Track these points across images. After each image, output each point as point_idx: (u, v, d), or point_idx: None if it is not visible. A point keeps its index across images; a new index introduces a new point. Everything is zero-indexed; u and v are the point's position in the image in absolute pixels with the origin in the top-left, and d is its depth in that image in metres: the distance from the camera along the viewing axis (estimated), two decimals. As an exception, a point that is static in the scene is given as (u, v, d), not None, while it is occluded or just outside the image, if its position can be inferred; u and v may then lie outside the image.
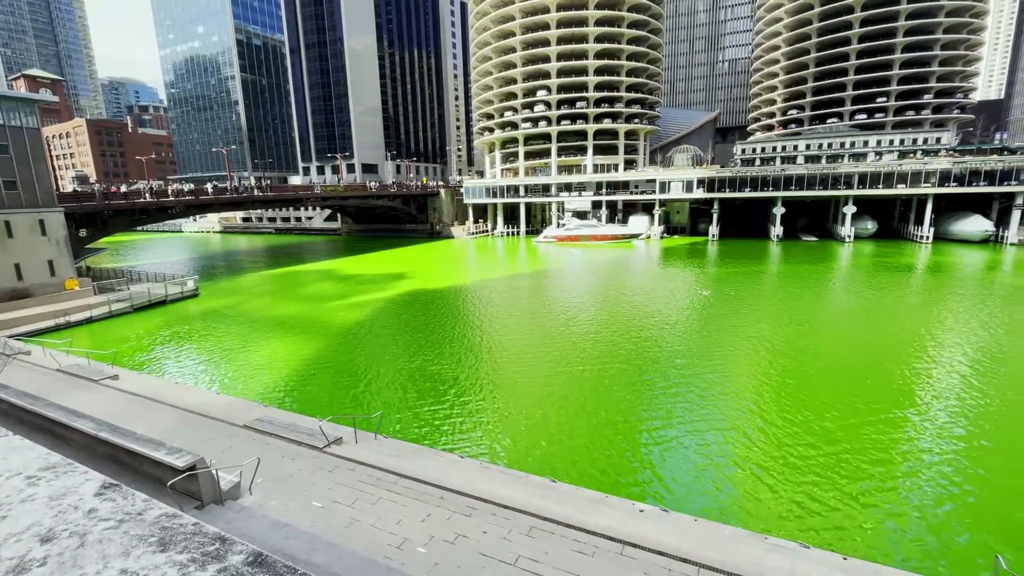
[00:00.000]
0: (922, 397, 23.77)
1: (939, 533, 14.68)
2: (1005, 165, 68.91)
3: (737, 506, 16.21)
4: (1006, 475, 17.31)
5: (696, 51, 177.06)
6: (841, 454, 18.65)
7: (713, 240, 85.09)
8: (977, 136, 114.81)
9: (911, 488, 16.75)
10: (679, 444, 19.93)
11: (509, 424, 21.81)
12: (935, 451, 18.95)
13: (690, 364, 28.47)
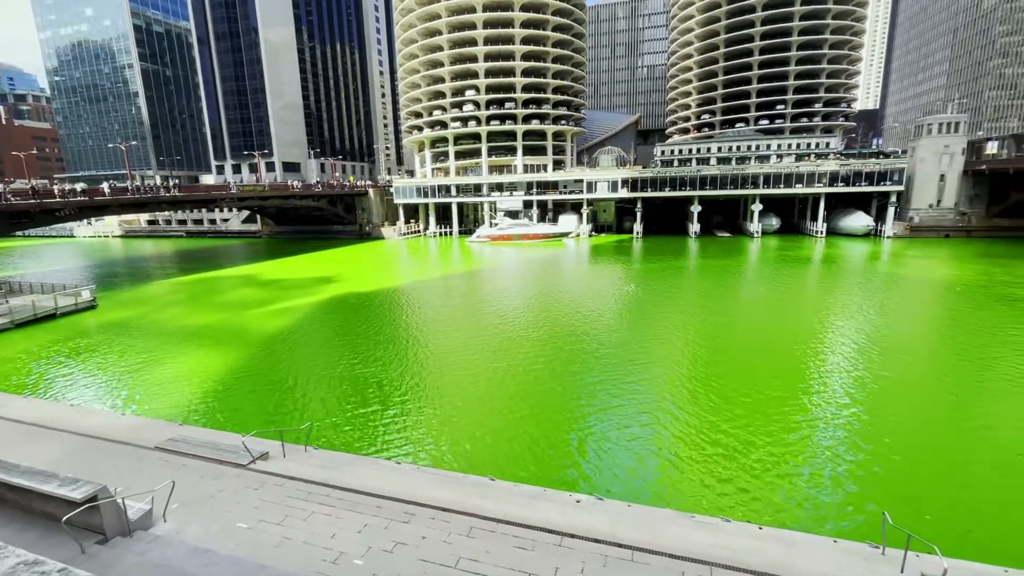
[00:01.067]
0: (818, 376, 26.44)
1: (837, 497, 16.45)
2: (881, 168, 78.15)
3: (667, 488, 17.22)
4: (885, 443, 19.68)
5: (617, 56, 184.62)
6: (755, 434, 20.34)
7: (638, 237, 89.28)
8: (858, 141, 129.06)
9: (813, 460, 18.61)
10: (613, 434, 20.81)
11: (447, 426, 21.70)
12: (830, 426, 21.17)
13: (619, 357, 29.75)
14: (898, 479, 17.31)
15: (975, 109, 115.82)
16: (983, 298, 41.36)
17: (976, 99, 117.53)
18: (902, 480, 17.26)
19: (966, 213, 75.93)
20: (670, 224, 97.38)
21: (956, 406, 22.96)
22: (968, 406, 22.91)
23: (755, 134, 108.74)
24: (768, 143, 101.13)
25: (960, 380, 25.69)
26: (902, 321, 37.20)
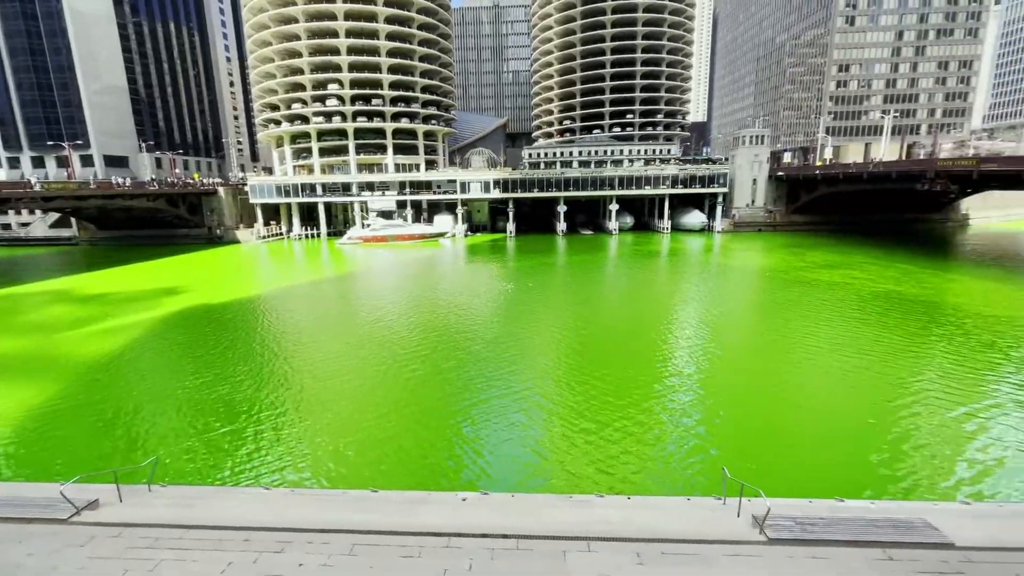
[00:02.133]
0: (667, 357, 30.05)
1: (690, 462, 18.91)
2: (710, 172, 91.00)
3: (549, 473, 18.23)
4: (721, 414, 23.09)
5: (484, 60, 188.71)
6: (620, 414, 22.43)
7: (511, 236, 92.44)
8: (692, 149, 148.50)
9: (668, 433, 21.12)
10: (495, 427, 21.40)
11: (323, 441, 20.44)
12: (679, 402, 24.20)
13: (498, 353, 30.63)
14: (733, 440, 20.44)
15: (775, 125, 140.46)
16: (786, 281, 50.45)
17: (775, 117, 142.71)
18: (736, 440, 20.42)
19: (772, 211, 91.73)
20: (540, 223, 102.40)
21: (771, 374, 27.74)
22: (779, 374, 27.84)
23: (610, 140, 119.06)
24: (621, 148, 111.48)
25: (773, 352, 31.08)
26: (730, 303, 43.85)
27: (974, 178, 57.08)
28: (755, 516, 11.44)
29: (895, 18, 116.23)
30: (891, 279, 48.79)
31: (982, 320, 35.10)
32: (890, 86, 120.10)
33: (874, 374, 26.42)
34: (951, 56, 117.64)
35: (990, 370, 26.57)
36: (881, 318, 36.45)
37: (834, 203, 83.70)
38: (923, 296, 42.29)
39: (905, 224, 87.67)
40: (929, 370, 26.96)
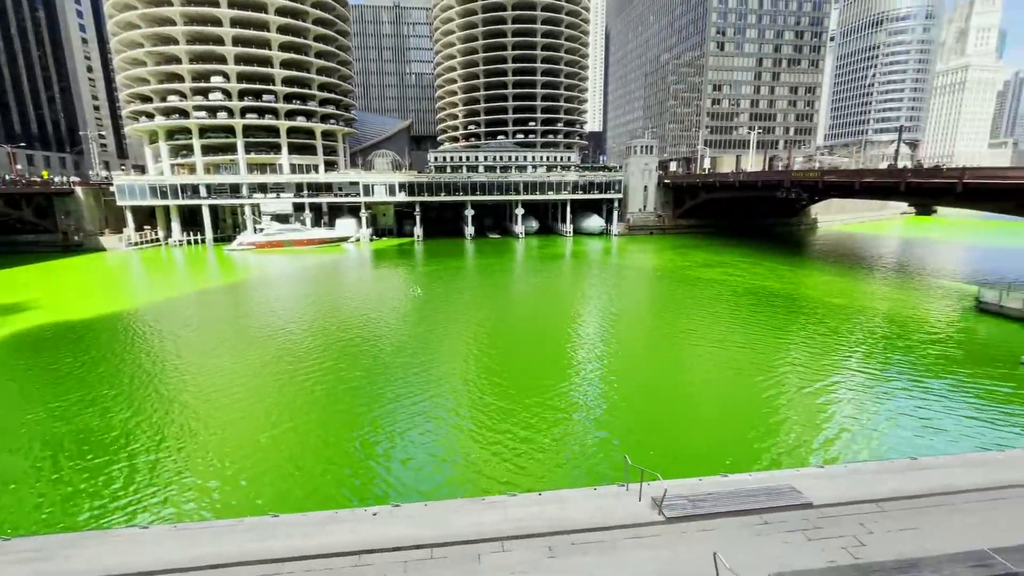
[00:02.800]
0: (572, 355, 31.51)
1: (596, 453, 19.97)
2: (607, 179, 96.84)
3: (462, 479, 18.23)
4: (623, 408, 24.70)
5: (385, 60, 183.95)
6: (531, 413, 23.08)
7: (419, 240, 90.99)
8: (590, 157, 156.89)
9: (575, 428, 22.13)
10: (405, 437, 20.97)
11: (212, 468, 18.65)
12: (586, 397, 25.48)
13: (407, 359, 30.03)
14: (635, 429, 21.95)
15: (662, 136, 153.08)
16: (674, 280, 55.17)
17: (662, 129, 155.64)
18: (637, 429, 21.95)
19: (661, 215, 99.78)
20: (448, 227, 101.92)
21: (664, 366, 30.20)
22: (671, 365, 30.39)
23: (514, 146, 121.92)
24: (525, 154, 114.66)
25: (666, 345, 33.85)
26: (627, 301, 47.00)
27: (819, 187, 66.75)
28: (654, 498, 12.46)
29: (756, 46, 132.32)
30: (759, 275, 55.38)
31: (828, 309, 41.12)
32: (754, 105, 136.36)
33: (748, 360, 29.84)
34: (799, 83, 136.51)
35: (835, 351, 31.25)
36: (752, 310, 41.25)
37: (714, 208, 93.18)
38: (784, 290, 48.54)
39: (770, 226, 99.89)
40: (791, 354, 31.04)
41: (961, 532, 11.30)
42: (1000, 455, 15.74)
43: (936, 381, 26.47)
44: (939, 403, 24.01)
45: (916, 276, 55.71)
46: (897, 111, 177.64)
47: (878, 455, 19.03)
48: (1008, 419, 22.40)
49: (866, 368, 28.63)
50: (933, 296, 45.60)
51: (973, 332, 34.90)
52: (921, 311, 40.47)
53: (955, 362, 29.11)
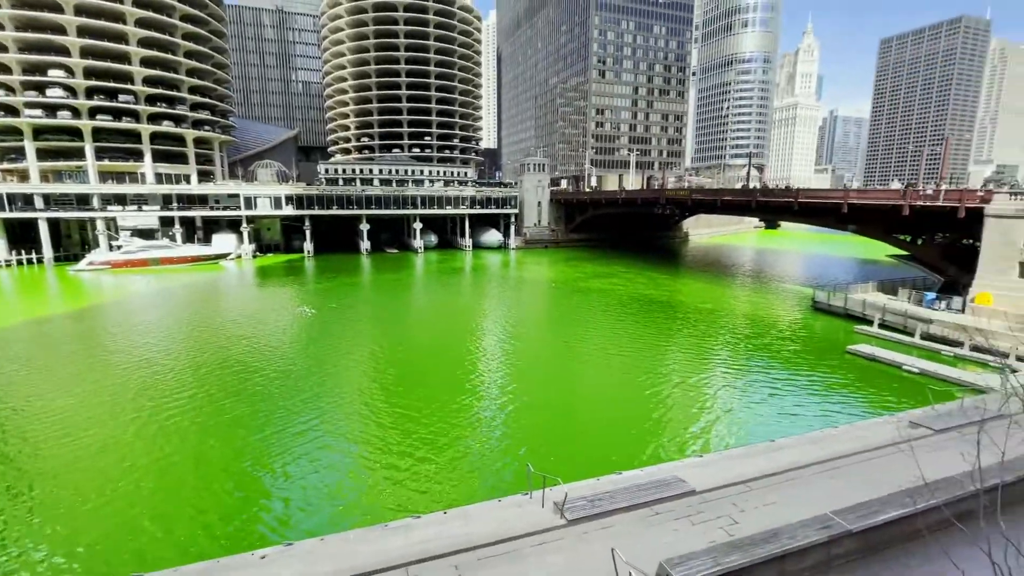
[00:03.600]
0: (475, 369, 31.83)
1: (499, 465, 20.28)
2: (504, 195, 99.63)
3: (361, 507, 17.44)
4: (524, 421, 25.44)
5: (268, 66, 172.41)
6: (433, 431, 22.84)
7: (309, 256, 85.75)
8: (486, 173, 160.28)
9: (478, 442, 22.33)
10: (298, 469, 19.60)
11: (46, 532, 15.84)
12: (487, 409, 25.84)
13: (298, 384, 28.12)
14: (537, 437, 22.70)
15: (552, 155, 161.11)
16: (568, 290, 58.15)
17: (552, 148, 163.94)
18: (539, 436, 22.73)
19: (555, 230, 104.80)
20: (342, 242, 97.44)
21: (562, 373, 31.66)
22: (568, 372, 31.94)
23: (410, 160, 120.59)
24: (422, 169, 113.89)
25: (562, 353, 35.51)
26: (526, 312, 48.57)
27: (689, 204, 74.84)
28: (556, 503, 13.03)
29: (632, 76, 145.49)
30: (642, 285, 60.42)
31: (700, 313, 46.09)
32: (632, 129, 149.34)
33: (635, 363, 32.39)
34: (669, 111, 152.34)
35: (707, 351, 35.10)
36: (637, 317, 44.86)
37: (601, 222, 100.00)
38: (663, 297, 53.48)
39: (650, 239, 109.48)
40: (671, 355, 34.26)
41: (810, 500, 13.33)
42: (835, 431, 18.82)
43: (786, 371, 30.87)
44: (789, 390, 28.03)
45: (767, 281, 64.56)
46: (747, 139, 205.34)
47: (745, 440, 21.69)
48: (840, 400, 26.82)
49: (732, 364, 32.52)
50: (780, 298, 53.17)
51: (811, 328, 41.28)
52: (772, 312, 46.97)
53: (799, 354, 34.21)
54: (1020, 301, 33.64)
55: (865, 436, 17.68)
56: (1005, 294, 35.14)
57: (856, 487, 13.87)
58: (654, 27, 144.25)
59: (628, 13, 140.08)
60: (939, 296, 39.56)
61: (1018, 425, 9.78)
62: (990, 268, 36.70)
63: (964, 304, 37.30)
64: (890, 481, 13.62)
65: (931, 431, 17.64)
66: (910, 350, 33.39)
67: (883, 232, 47.77)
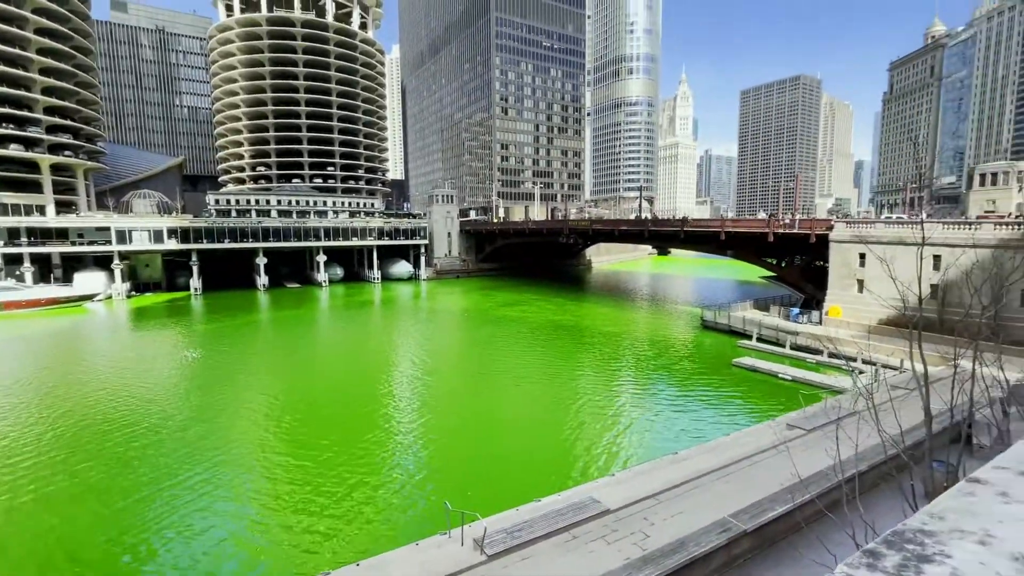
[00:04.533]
0: (387, 409, 30.68)
1: (417, 508, 19.52)
2: (413, 226, 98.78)
3: (268, 562, 15.80)
4: (438, 461, 24.90)
5: (147, 88, 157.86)
6: (343, 480, 21.49)
7: (197, 295, 77.82)
8: (394, 204, 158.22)
9: (396, 480, 21.40)
10: (191, 529, 17.34)
11: None
12: (402, 451, 24.94)
13: (177, 440, 25.11)
14: (453, 473, 22.25)
15: (461, 187, 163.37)
16: (481, 320, 58.53)
17: (460, 180, 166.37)
18: (455, 473, 22.30)
19: (466, 260, 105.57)
20: (236, 277, 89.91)
21: (478, 404, 31.52)
22: (484, 402, 31.89)
23: (312, 191, 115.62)
24: (325, 200, 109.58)
25: (478, 383, 35.44)
26: (439, 344, 47.95)
27: (590, 234, 79.55)
28: (476, 539, 12.83)
29: (533, 114, 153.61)
30: (550, 311, 62.56)
31: (605, 337, 48.63)
32: (535, 164, 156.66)
33: (547, 389, 33.21)
34: (568, 147, 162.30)
35: (613, 372, 37.01)
36: (547, 343, 46.23)
37: (510, 252, 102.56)
38: (571, 322, 55.76)
39: (556, 267, 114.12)
40: (581, 379, 35.62)
41: (711, 506, 14.42)
42: (727, 439, 20.64)
43: (683, 387, 33.42)
44: (688, 404, 30.33)
45: (662, 304, 69.97)
46: (637, 174, 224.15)
47: (652, 454, 23.00)
48: (731, 409, 29.51)
49: (636, 383, 34.55)
50: (674, 319, 57.82)
51: (702, 344, 45.26)
52: (668, 332, 50.87)
53: (694, 370, 37.27)
54: (861, 313, 39.72)
55: (752, 441, 19.61)
56: (850, 307, 41.32)
57: (747, 489, 15.28)
58: (551, 70, 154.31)
59: (526, 56, 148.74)
60: (802, 311, 45.50)
61: (865, 420, 11.52)
62: (837, 285, 43.07)
63: (820, 317, 43.24)
64: (774, 480, 15.21)
65: (804, 431, 20.03)
66: (783, 360, 37.82)
67: (755, 256, 54.26)
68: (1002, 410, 18.27)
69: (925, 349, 12.25)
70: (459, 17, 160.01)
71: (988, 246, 33.57)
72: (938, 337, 20.20)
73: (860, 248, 40.16)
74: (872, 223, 44.52)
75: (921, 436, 14.21)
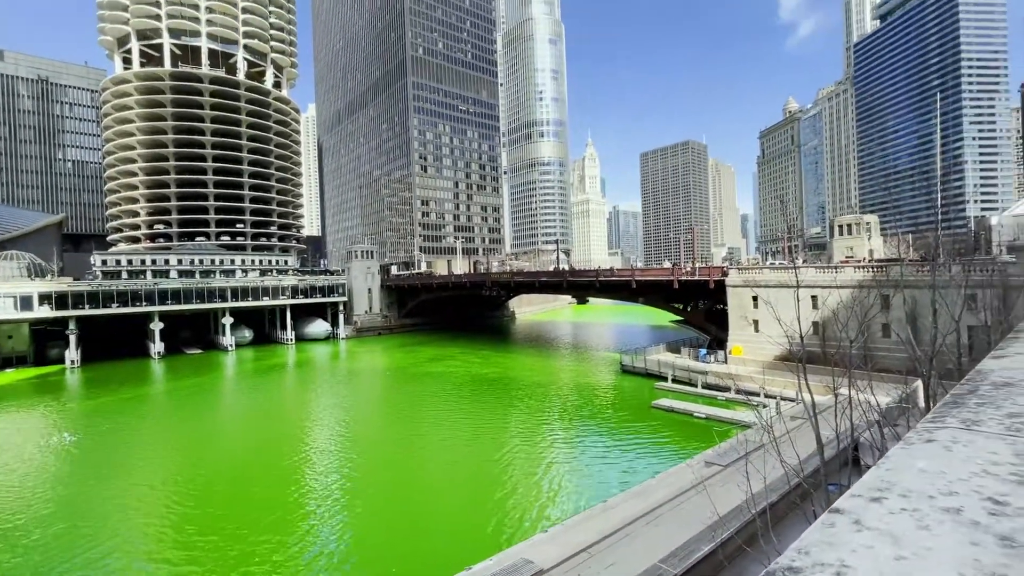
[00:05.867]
0: (303, 483, 28.26)
1: None
2: (330, 282, 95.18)
3: None
4: (364, 519, 23.23)
5: (23, 141, 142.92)
6: (261, 557, 19.21)
7: (74, 368, 68.07)
8: (310, 261, 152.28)
9: (310, 564, 19.45)
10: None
11: None
12: (321, 528, 22.93)
13: (31, 543, 21.24)
14: (377, 547, 20.68)
15: (381, 242, 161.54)
16: (405, 377, 56.66)
17: (380, 236, 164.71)
18: (379, 546, 20.75)
19: (388, 316, 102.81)
20: (123, 346, 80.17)
21: (401, 471, 29.97)
22: (410, 465, 30.40)
23: (218, 248, 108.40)
24: (233, 258, 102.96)
25: (402, 446, 33.83)
26: (360, 407, 45.51)
27: (512, 286, 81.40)
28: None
29: (452, 172, 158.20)
30: (476, 364, 62.12)
31: (532, 388, 48.96)
32: (456, 219, 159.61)
33: (477, 446, 32.46)
34: (487, 203, 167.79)
35: (542, 425, 37.11)
36: (475, 398, 45.58)
37: (434, 306, 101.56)
38: (497, 375, 55.63)
39: (481, 319, 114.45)
40: (510, 434, 35.27)
41: (641, 554, 14.61)
42: (652, 481, 21.27)
43: (609, 433, 34.20)
44: (614, 450, 30.97)
45: (583, 351, 72.18)
46: (553, 228, 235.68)
47: (583, 505, 23.00)
48: (654, 450, 30.52)
49: (564, 434, 34.84)
50: (596, 365, 59.72)
51: (623, 389, 46.95)
52: (590, 379, 52.32)
53: (617, 416, 38.38)
54: (759, 351, 43.67)
55: (675, 481, 20.37)
56: (750, 346, 45.31)
57: (674, 531, 15.73)
58: (468, 131, 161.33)
59: (444, 118, 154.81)
60: (709, 351, 49.07)
61: (770, 452, 12.54)
62: (736, 326, 47.23)
63: (726, 356, 46.86)
64: (698, 519, 15.82)
65: (720, 467, 21.19)
66: (696, 399, 40.18)
67: (663, 302, 58.30)
68: (880, 432, 20.70)
69: (813, 380, 13.77)
70: (377, 80, 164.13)
71: (849, 286, 38.88)
72: (824, 369, 22.72)
73: (752, 291, 44.70)
74: (760, 269, 49.97)
75: (817, 463, 15.65)
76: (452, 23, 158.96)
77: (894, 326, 35.42)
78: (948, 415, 2.25)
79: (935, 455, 1.82)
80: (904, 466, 1.75)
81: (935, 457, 1.79)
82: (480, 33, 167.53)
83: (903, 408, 21.49)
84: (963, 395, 2.57)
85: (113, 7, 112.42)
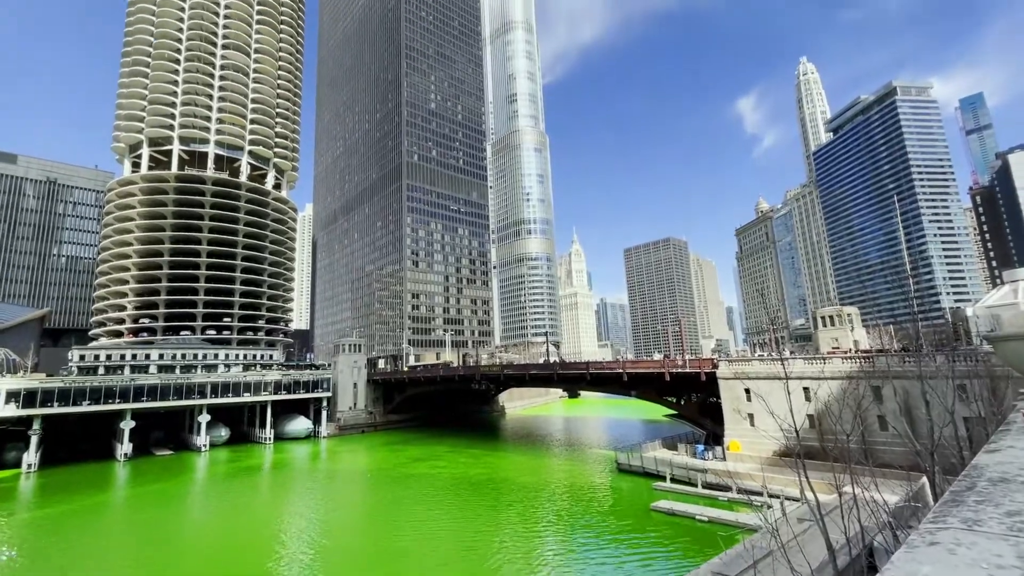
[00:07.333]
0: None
1: None
2: (315, 377, 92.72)
3: None
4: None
5: (20, 238, 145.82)
6: None
7: (30, 472, 63.10)
8: (296, 355, 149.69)
9: None
10: None
11: None
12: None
13: None
14: None
15: (370, 336, 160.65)
16: (388, 479, 53.29)
17: (369, 329, 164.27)
18: None
19: (373, 412, 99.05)
20: (89, 447, 75.28)
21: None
22: (394, 572, 27.63)
23: (202, 343, 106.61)
24: (216, 352, 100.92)
25: (385, 552, 30.94)
26: (339, 512, 42.19)
27: (502, 379, 79.90)
28: None
29: (443, 267, 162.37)
30: (464, 464, 58.94)
31: (522, 489, 46.18)
32: (446, 312, 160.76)
33: (462, 560, 29.77)
34: (477, 296, 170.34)
35: (534, 530, 34.50)
36: (462, 503, 42.67)
37: (421, 401, 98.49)
38: (486, 476, 52.62)
39: (470, 414, 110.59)
40: (501, 544, 32.60)
41: None
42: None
43: (607, 541, 31.79)
44: (615, 559, 28.57)
45: (576, 448, 69.24)
46: (543, 320, 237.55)
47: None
48: (658, 558, 28.20)
49: (558, 541, 32.30)
50: (589, 464, 57.00)
51: (620, 490, 44.43)
52: (585, 479, 49.65)
53: (615, 521, 35.93)
54: (756, 445, 42.29)
55: (681, 596, 18.63)
56: (747, 440, 43.95)
57: (684, 656, 14.11)
58: (458, 228, 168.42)
59: (436, 216, 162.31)
60: (706, 447, 47.37)
61: (779, 560, 11.72)
62: (731, 420, 46.14)
63: (723, 452, 45.19)
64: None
65: (729, 578, 19.55)
66: (698, 500, 38.03)
67: (656, 395, 57.29)
68: (892, 535, 19.52)
69: (815, 478, 13.28)
70: (374, 182, 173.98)
71: (839, 378, 38.85)
72: (824, 465, 21.95)
73: (744, 384, 44.35)
74: (749, 360, 50.00)
75: (831, 573, 14.56)
76: (446, 133, 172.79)
77: (889, 418, 34.97)
78: (948, 514, 2.24)
79: (939, 559, 1.79)
80: (909, 572, 1.72)
81: (939, 561, 1.76)
82: (471, 142, 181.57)
83: (913, 508, 20.54)
84: (961, 492, 2.58)
85: (131, 118, 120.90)
